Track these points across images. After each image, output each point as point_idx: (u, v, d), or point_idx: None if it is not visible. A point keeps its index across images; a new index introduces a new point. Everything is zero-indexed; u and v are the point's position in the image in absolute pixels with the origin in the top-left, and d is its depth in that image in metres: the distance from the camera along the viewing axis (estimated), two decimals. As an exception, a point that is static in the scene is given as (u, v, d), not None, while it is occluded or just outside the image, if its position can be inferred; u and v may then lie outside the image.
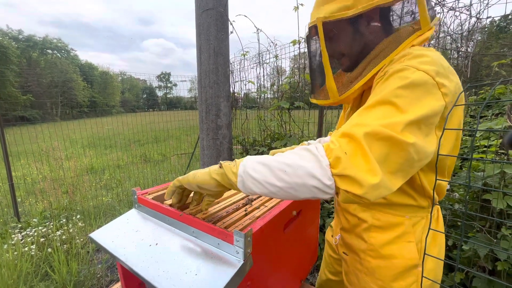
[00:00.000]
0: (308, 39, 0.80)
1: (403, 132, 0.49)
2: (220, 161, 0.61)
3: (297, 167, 0.51)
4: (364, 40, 0.68)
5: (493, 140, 1.38)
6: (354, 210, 0.78)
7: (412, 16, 0.65)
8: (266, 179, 0.53)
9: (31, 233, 2.20)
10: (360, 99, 0.77)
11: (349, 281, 0.83)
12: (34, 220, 2.60)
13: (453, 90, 0.56)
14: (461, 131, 0.62)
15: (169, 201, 0.76)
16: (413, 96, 0.51)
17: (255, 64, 2.48)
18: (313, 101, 0.83)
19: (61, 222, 2.55)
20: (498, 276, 1.18)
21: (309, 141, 1.04)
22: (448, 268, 1.41)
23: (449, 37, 1.41)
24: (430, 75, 0.53)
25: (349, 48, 0.70)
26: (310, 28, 0.74)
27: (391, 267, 0.73)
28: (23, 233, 2.22)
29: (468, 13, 1.22)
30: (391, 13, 0.68)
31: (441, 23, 1.30)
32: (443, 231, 0.68)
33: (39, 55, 39.70)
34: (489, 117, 2.56)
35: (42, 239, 2.15)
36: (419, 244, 0.71)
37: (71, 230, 2.34)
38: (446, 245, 1.40)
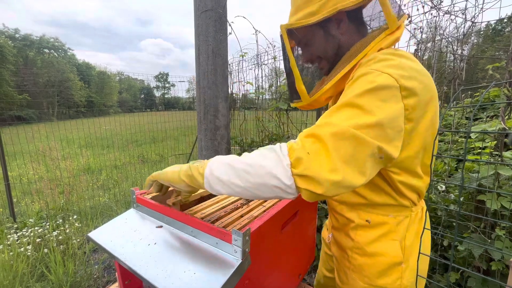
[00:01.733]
0: (282, 47, 0.82)
1: (369, 133, 0.51)
2: (189, 163, 0.63)
3: (258, 167, 0.52)
4: (334, 44, 0.70)
5: (488, 142, 1.40)
6: (341, 210, 0.80)
7: (378, 16, 0.67)
8: (230, 179, 0.54)
9: (27, 234, 2.19)
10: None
11: (339, 278, 0.85)
12: (30, 220, 2.58)
13: (420, 92, 0.57)
14: (436, 130, 0.64)
15: (153, 194, 0.79)
16: (378, 98, 0.53)
17: (253, 65, 2.49)
18: (292, 105, 0.86)
19: (58, 222, 2.53)
20: (493, 275, 1.20)
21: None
22: (444, 268, 1.42)
23: (445, 40, 1.44)
24: (394, 77, 0.54)
25: (321, 52, 0.72)
26: (280, 37, 0.77)
27: (376, 264, 0.75)
28: (19, 234, 2.20)
29: (463, 17, 1.24)
30: (356, 16, 0.69)
31: (437, 26, 1.32)
32: (429, 229, 0.71)
33: (35, 54, 39.40)
34: (484, 119, 2.60)
35: (38, 240, 2.14)
36: (403, 242, 0.74)
37: (67, 231, 2.32)
38: (442, 245, 1.41)
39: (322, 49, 0.71)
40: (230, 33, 2.03)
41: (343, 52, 0.69)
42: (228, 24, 1.98)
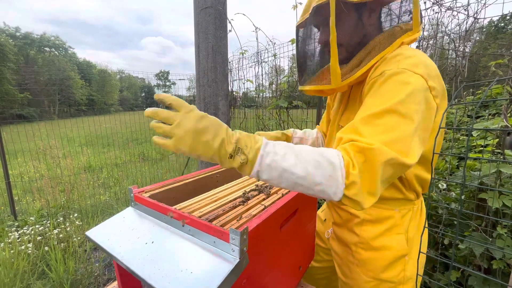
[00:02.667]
0: (308, 21, 0.76)
1: (409, 152, 0.53)
2: (227, 138, 0.52)
3: (311, 182, 0.51)
4: (363, 31, 0.69)
5: (490, 140, 1.39)
6: (346, 207, 0.81)
7: (408, 16, 0.68)
8: (280, 185, 0.54)
9: (28, 232, 2.20)
10: (348, 95, 0.81)
11: (342, 272, 0.86)
12: (31, 218, 2.59)
13: (441, 91, 0.60)
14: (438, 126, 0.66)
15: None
16: (416, 103, 0.55)
17: (253, 63, 2.47)
18: (306, 88, 0.80)
19: (58, 220, 2.54)
20: (494, 274, 1.19)
21: (294, 130, 1.05)
22: (444, 267, 1.42)
23: (447, 37, 1.42)
24: (424, 78, 0.57)
25: (349, 36, 0.69)
26: (317, 7, 0.70)
27: (382, 258, 0.77)
28: (20, 232, 2.21)
29: (465, 13, 1.22)
30: (389, 11, 0.71)
31: (438, 23, 1.30)
32: (427, 221, 0.76)
33: (36, 53, 39.43)
34: (486, 117, 2.58)
35: (39, 238, 2.15)
36: (406, 235, 0.76)
37: (68, 229, 2.33)
38: (442, 243, 1.41)
39: (349, 34, 0.69)
40: (230, 31, 2.02)
41: (367, 41, 0.68)
42: (228, 21, 1.96)
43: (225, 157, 0.52)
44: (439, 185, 1.54)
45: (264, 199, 0.76)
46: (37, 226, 2.29)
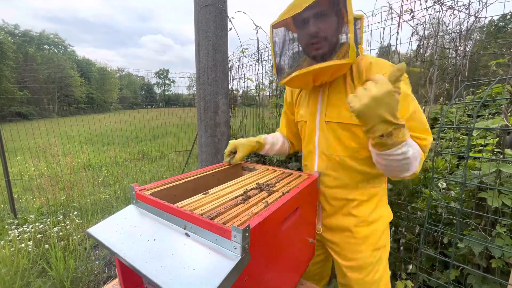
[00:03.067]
0: (313, 6, 0.80)
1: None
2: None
3: (411, 168, 0.72)
4: (340, 33, 0.82)
5: (490, 139, 1.39)
6: (338, 194, 0.93)
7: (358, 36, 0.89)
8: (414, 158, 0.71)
9: (28, 230, 2.20)
10: (327, 91, 0.91)
11: (344, 257, 0.96)
12: (31, 216, 2.59)
13: None
14: None
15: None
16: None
17: (254, 62, 2.47)
18: (321, 64, 0.79)
19: (58, 218, 2.54)
20: (493, 273, 1.19)
21: (265, 137, 1.17)
22: (443, 265, 1.42)
23: (447, 36, 1.42)
24: None
25: (335, 33, 0.81)
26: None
27: (378, 229, 0.92)
28: (19, 230, 2.21)
29: (467, 12, 1.22)
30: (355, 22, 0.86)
31: (439, 22, 1.30)
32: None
33: (35, 51, 39.25)
34: (486, 116, 2.58)
35: (39, 236, 2.15)
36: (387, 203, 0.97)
37: (68, 227, 2.33)
38: (442, 242, 1.41)
39: (336, 30, 0.81)
40: (230, 29, 2.01)
41: (342, 42, 0.82)
42: (228, 19, 1.96)
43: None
44: (439, 184, 1.55)
45: (265, 198, 0.76)
46: (37, 224, 2.29)
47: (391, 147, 0.65)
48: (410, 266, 1.45)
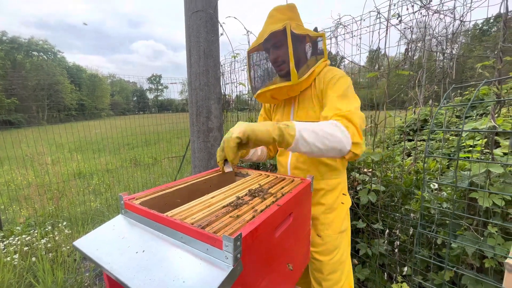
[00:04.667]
0: (270, 39, 1.03)
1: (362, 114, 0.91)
2: (276, 123, 0.76)
3: (334, 136, 0.79)
4: (298, 54, 1.03)
5: (478, 140, 1.42)
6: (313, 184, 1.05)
7: (319, 50, 1.08)
8: (315, 142, 0.76)
9: (14, 242, 2.11)
10: (296, 101, 1.10)
11: (313, 244, 1.08)
12: (17, 228, 2.49)
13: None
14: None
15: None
16: (353, 92, 0.97)
17: (245, 66, 2.47)
18: (270, 87, 1.04)
19: (47, 229, 2.46)
20: (486, 273, 1.20)
21: None
22: (438, 266, 1.43)
23: (434, 40, 1.45)
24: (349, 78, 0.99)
25: (295, 54, 0.99)
26: (277, 32, 0.99)
27: (340, 214, 1.08)
28: (5, 242, 2.12)
29: (452, 16, 1.25)
30: (316, 43, 1.08)
31: (426, 26, 1.33)
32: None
33: (24, 57, 38.50)
34: (474, 117, 2.64)
35: (25, 248, 2.07)
36: (346, 192, 1.13)
37: (57, 238, 2.25)
38: (435, 243, 1.42)
39: (295, 52, 1.00)
40: (221, 34, 2.01)
41: (303, 61, 1.04)
42: (219, 25, 1.96)
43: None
44: (431, 185, 1.56)
45: (257, 204, 0.74)
46: (23, 236, 2.20)
47: (288, 146, 0.76)
48: (405, 269, 1.45)
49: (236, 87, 2.61)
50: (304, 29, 1.03)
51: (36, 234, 2.26)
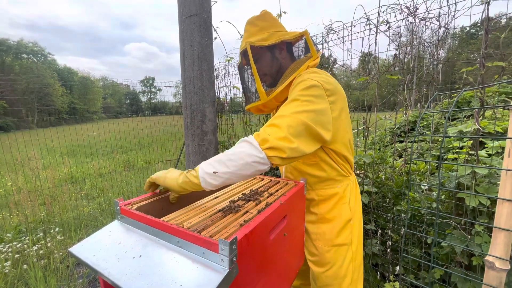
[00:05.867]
0: (242, 59, 1.07)
1: (308, 117, 0.78)
2: (184, 172, 0.76)
3: (239, 153, 0.73)
4: (278, 63, 1.00)
5: (465, 142, 1.47)
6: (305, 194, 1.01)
7: (307, 49, 1.01)
8: (221, 169, 0.72)
9: (4, 250, 2.07)
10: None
11: (309, 253, 1.05)
12: (8, 235, 2.44)
13: (335, 92, 0.87)
14: (348, 114, 0.97)
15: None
16: (311, 94, 0.82)
17: (239, 70, 2.49)
18: (248, 107, 1.09)
19: (38, 236, 2.41)
20: (474, 270, 1.24)
21: None
22: (429, 266, 1.46)
23: (421, 45, 1.50)
24: (320, 82, 0.84)
25: (269, 68, 1.00)
26: (243, 51, 1.01)
27: (335, 226, 0.99)
28: (-5, 250, 2.08)
29: (437, 23, 1.30)
30: (293, 46, 1.05)
31: (413, 33, 1.38)
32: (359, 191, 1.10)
33: (13, 60, 37.75)
34: (461, 118, 2.72)
35: (17, 255, 2.03)
36: (349, 204, 1.01)
37: (49, 244, 2.22)
38: (426, 242, 1.46)
39: (269, 66, 1.00)
40: (215, 38, 2.03)
41: (283, 70, 1.00)
42: (213, 29, 1.98)
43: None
44: (421, 185, 1.61)
45: (252, 208, 0.76)
46: (14, 243, 2.16)
47: (199, 186, 0.74)
48: (397, 268, 1.48)
49: (230, 90, 2.63)
50: (277, 36, 0.96)
51: (27, 241, 2.22)
